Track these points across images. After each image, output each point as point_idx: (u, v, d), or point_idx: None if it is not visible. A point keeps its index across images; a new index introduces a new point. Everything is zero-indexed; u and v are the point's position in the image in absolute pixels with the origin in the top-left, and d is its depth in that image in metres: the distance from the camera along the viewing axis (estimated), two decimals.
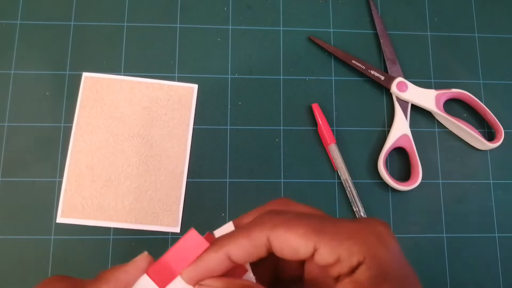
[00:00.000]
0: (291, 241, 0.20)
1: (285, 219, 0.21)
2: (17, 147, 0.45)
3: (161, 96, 0.47)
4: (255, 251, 0.21)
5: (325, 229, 0.20)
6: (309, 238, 0.20)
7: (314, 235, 0.20)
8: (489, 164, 0.48)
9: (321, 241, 0.20)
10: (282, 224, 0.20)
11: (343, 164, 0.46)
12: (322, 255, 0.20)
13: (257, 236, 0.20)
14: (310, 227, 0.20)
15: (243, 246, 0.21)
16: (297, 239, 0.20)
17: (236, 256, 0.21)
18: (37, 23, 0.48)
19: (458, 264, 0.46)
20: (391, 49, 0.49)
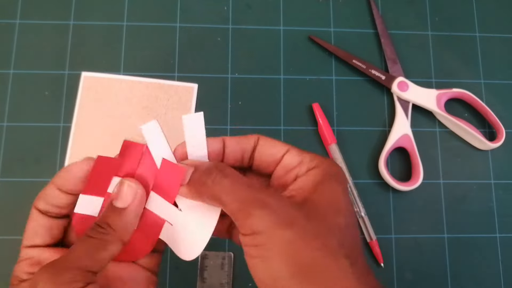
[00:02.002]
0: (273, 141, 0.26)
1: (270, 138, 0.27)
2: (16, 147, 0.45)
3: (161, 96, 0.47)
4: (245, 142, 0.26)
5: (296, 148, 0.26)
6: (285, 144, 0.26)
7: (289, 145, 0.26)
8: (490, 164, 0.48)
9: (292, 148, 0.26)
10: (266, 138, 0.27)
11: (344, 164, 0.45)
12: (290, 156, 0.25)
13: (251, 135, 0.27)
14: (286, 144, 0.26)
15: (237, 137, 0.27)
16: (277, 142, 0.26)
17: (229, 141, 0.26)
18: (36, 22, 0.48)
19: (459, 264, 0.45)
20: (391, 48, 0.49)
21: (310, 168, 0.25)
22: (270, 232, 0.21)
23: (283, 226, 0.21)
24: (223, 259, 0.44)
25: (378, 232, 0.45)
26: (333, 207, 0.23)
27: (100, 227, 0.24)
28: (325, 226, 0.22)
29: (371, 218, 0.45)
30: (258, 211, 0.22)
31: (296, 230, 0.21)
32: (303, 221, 0.22)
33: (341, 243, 0.22)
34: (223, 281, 0.43)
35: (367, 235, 0.45)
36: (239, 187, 0.23)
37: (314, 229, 0.22)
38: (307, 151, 0.26)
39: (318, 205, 0.23)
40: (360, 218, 0.45)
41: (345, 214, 0.23)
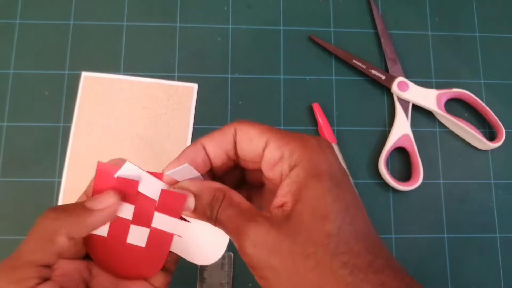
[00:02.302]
0: (250, 133, 0.24)
1: (250, 121, 0.25)
2: (16, 147, 0.45)
3: (161, 96, 0.47)
4: (224, 140, 0.25)
5: (279, 131, 0.24)
6: (263, 133, 0.24)
7: (267, 132, 0.24)
8: (490, 164, 0.48)
9: (271, 138, 0.24)
10: (247, 122, 0.25)
11: (344, 164, 0.45)
12: (270, 151, 0.24)
13: (227, 128, 0.25)
14: (267, 127, 0.25)
15: (215, 137, 0.25)
16: (255, 132, 0.24)
17: (209, 146, 0.25)
18: (36, 22, 0.48)
19: (459, 264, 0.45)
20: (392, 48, 0.49)
21: (291, 165, 0.23)
22: (262, 266, 0.21)
23: (271, 258, 0.21)
24: (223, 259, 0.44)
25: (378, 232, 0.45)
26: (318, 215, 0.21)
27: (52, 211, 0.23)
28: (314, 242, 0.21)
29: (371, 218, 0.45)
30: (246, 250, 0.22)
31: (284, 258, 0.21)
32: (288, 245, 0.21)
33: (334, 252, 0.20)
34: (223, 281, 0.43)
35: None
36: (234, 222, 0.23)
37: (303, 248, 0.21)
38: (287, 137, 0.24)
39: (303, 217, 0.21)
40: None
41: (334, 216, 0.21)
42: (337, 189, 0.22)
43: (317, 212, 0.21)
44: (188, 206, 0.24)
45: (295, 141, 0.23)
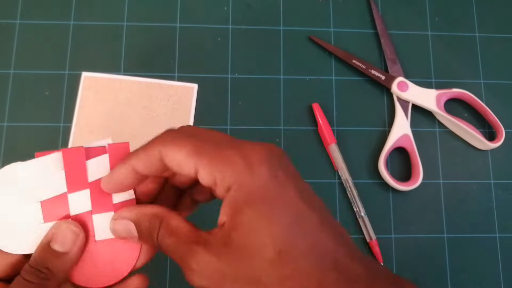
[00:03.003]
0: (176, 158, 0.22)
1: (174, 137, 0.23)
2: (16, 147, 0.45)
3: (161, 96, 0.47)
4: (152, 163, 0.23)
5: (205, 152, 0.22)
6: (190, 158, 0.22)
7: (195, 156, 0.22)
8: (490, 164, 0.48)
9: (200, 163, 0.22)
10: (171, 141, 0.23)
11: (344, 164, 0.46)
12: (202, 177, 0.22)
13: (152, 150, 0.23)
14: (193, 148, 0.22)
15: (142, 159, 0.23)
16: (180, 157, 0.22)
17: (139, 167, 0.23)
18: (37, 22, 0.48)
19: (459, 264, 0.45)
20: (391, 48, 0.49)
21: (226, 188, 0.21)
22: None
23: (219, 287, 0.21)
24: None
25: (378, 232, 0.45)
26: (256, 244, 0.20)
27: (40, 272, 0.23)
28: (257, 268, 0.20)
29: (370, 218, 0.45)
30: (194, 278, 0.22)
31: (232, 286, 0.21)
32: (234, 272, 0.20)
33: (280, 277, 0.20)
34: None
35: (367, 235, 0.45)
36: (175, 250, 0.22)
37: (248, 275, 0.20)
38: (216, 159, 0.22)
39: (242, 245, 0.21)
40: (360, 218, 0.45)
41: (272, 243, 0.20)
42: (272, 213, 0.21)
43: (255, 240, 0.20)
44: (132, 234, 0.24)
45: (223, 164, 0.21)
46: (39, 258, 0.23)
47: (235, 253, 0.21)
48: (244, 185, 0.21)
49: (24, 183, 0.24)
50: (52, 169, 0.24)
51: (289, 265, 0.20)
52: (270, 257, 0.20)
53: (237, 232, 0.21)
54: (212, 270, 0.21)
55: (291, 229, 0.21)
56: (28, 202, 0.24)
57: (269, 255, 0.20)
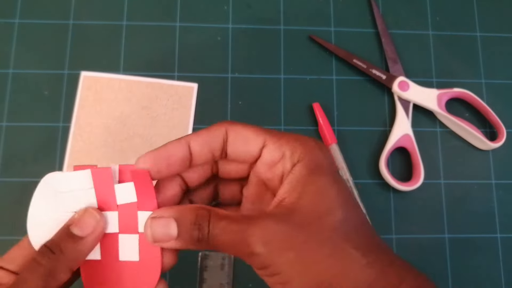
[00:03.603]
0: (245, 133, 0.24)
1: (241, 123, 0.25)
2: (16, 147, 0.45)
3: (160, 96, 0.47)
4: (213, 140, 0.24)
5: (274, 132, 0.24)
6: (260, 134, 0.24)
7: (264, 133, 0.24)
8: (491, 164, 0.48)
9: (269, 138, 0.24)
10: (239, 123, 0.24)
11: (344, 164, 0.45)
12: (270, 151, 0.24)
13: (217, 128, 0.24)
14: (260, 129, 0.24)
15: (203, 135, 0.24)
16: (250, 132, 0.24)
17: (194, 142, 0.24)
18: (36, 22, 0.48)
19: (460, 265, 0.45)
20: (392, 48, 0.49)
21: (294, 162, 0.23)
22: (277, 262, 0.21)
23: (285, 252, 0.21)
24: (223, 259, 0.43)
25: (379, 232, 0.44)
26: (325, 206, 0.22)
27: (51, 252, 0.23)
28: (327, 228, 0.22)
29: (371, 218, 0.45)
30: (257, 249, 0.21)
31: (299, 249, 0.21)
32: (302, 237, 0.21)
33: (346, 237, 0.22)
34: (223, 282, 0.43)
35: None
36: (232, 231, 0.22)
37: (317, 236, 0.21)
38: (285, 137, 0.24)
39: (311, 209, 0.22)
40: None
41: (338, 207, 0.22)
42: (338, 184, 0.23)
43: (324, 204, 0.22)
44: (170, 234, 0.23)
45: (295, 141, 0.24)
46: (56, 238, 0.24)
47: (304, 218, 0.22)
48: (315, 159, 0.23)
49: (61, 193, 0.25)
50: (86, 185, 0.25)
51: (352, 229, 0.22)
52: (339, 218, 0.22)
53: (306, 199, 0.22)
54: (279, 234, 0.21)
55: (350, 203, 0.23)
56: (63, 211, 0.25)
57: (338, 217, 0.22)
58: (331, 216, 0.22)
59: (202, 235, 0.22)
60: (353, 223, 0.23)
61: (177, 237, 0.23)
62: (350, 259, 0.21)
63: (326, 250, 0.21)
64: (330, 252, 0.21)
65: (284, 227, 0.21)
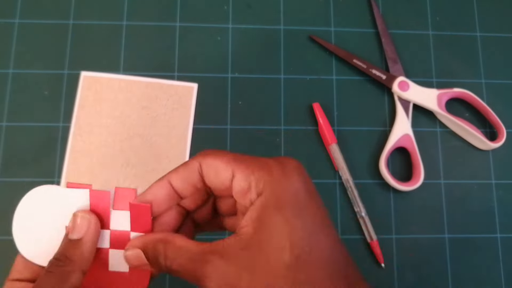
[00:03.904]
0: (215, 165, 0.24)
1: (214, 152, 0.25)
2: (16, 147, 0.45)
3: (160, 96, 0.47)
4: (189, 174, 0.25)
5: (243, 160, 0.24)
6: (229, 164, 0.24)
7: (233, 163, 0.24)
8: (491, 164, 0.48)
9: (237, 168, 0.24)
10: (211, 154, 0.25)
11: (344, 164, 0.45)
12: (238, 181, 0.24)
13: (191, 163, 0.25)
14: (231, 157, 0.24)
15: (180, 172, 0.25)
16: (220, 163, 0.24)
17: (175, 181, 0.25)
18: (36, 22, 0.48)
19: (460, 265, 0.45)
20: (392, 48, 0.49)
21: (257, 194, 0.23)
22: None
23: None
24: None
25: (379, 232, 0.45)
26: (276, 246, 0.21)
27: (59, 261, 0.24)
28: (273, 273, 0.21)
29: (371, 218, 0.45)
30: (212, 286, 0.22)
31: None
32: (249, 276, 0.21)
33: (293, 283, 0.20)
34: None
35: (368, 236, 0.44)
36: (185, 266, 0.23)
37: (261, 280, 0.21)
38: (252, 165, 0.24)
39: (262, 247, 0.21)
40: (360, 218, 0.45)
41: (292, 247, 0.21)
42: (297, 219, 0.22)
43: (275, 243, 0.21)
44: (142, 261, 0.25)
45: (260, 170, 0.23)
46: (60, 249, 0.25)
47: (253, 257, 0.21)
48: (277, 190, 0.23)
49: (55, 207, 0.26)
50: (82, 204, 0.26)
51: (304, 272, 0.21)
52: (287, 260, 0.21)
53: (259, 235, 0.22)
54: (230, 274, 0.21)
55: (312, 238, 0.22)
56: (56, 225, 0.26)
57: (286, 259, 0.21)
58: (280, 257, 0.21)
59: (164, 268, 0.24)
60: (309, 264, 0.21)
61: (149, 264, 0.25)
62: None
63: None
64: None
65: (233, 268, 0.21)
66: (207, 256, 0.22)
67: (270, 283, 0.21)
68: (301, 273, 0.21)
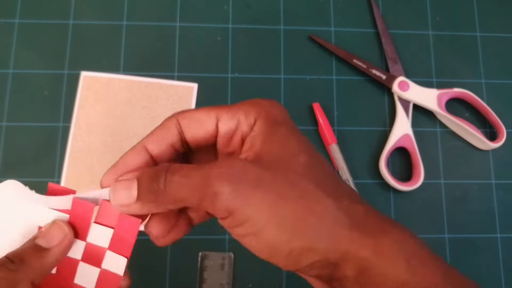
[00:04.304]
0: (197, 116, 0.23)
1: (189, 109, 0.24)
2: (16, 147, 0.45)
3: (160, 96, 0.47)
4: (166, 134, 0.23)
5: (224, 105, 0.24)
6: (211, 111, 0.23)
7: (215, 109, 0.23)
8: (491, 164, 0.48)
9: (221, 111, 0.23)
10: (187, 110, 0.24)
11: (344, 164, 0.45)
12: (225, 122, 0.23)
13: (168, 121, 0.24)
14: (211, 106, 0.24)
15: (156, 134, 0.24)
16: (201, 113, 0.23)
17: (150, 143, 0.23)
18: (36, 22, 0.48)
19: (460, 265, 0.45)
20: (392, 48, 0.49)
21: (251, 124, 0.23)
22: (244, 205, 0.20)
23: (252, 191, 0.20)
24: (223, 259, 0.43)
25: None
26: (290, 151, 0.22)
27: (11, 262, 0.21)
28: (295, 172, 0.21)
29: None
30: (221, 188, 0.20)
31: (267, 190, 0.20)
32: (269, 176, 0.20)
33: (316, 181, 0.21)
34: (223, 282, 0.43)
35: None
36: (192, 176, 0.21)
37: (284, 179, 0.20)
38: (237, 105, 0.23)
39: (275, 155, 0.21)
40: None
41: (302, 153, 0.22)
42: (298, 134, 0.23)
43: (288, 150, 0.22)
44: (131, 195, 0.22)
45: (247, 105, 0.23)
46: (19, 251, 0.22)
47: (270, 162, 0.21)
48: (270, 115, 0.23)
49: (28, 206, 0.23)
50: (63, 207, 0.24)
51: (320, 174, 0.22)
52: (306, 162, 0.21)
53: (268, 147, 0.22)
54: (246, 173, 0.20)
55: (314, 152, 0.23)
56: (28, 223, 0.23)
57: (305, 160, 0.21)
58: (296, 161, 0.21)
59: (158, 187, 0.21)
60: (319, 170, 0.22)
61: (137, 198, 0.22)
62: (321, 205, 0.20)
63: (296, 192, 0.20)
64: (299, 195, 0.20)
65: (250, 166, 0.21)
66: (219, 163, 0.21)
67: (294, 180, 0.21)
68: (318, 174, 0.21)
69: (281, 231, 0.20)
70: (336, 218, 0.20)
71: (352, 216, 0.21)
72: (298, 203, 0.20)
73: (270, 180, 0.20)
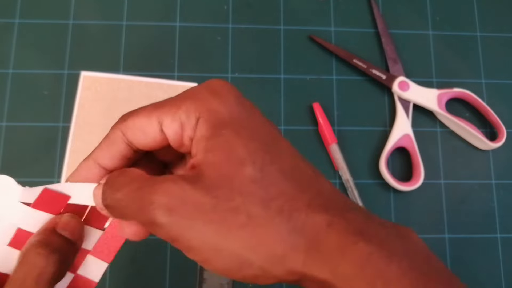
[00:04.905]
0: (138, 124, 0.21)
1: (132, 111, 0.22)
2: (15, 147, 0.45)
3: (160, 96, 0.47)
4: (114, 148, 0.22)
5: (165, 102, 0.21)
6: (151, 114, 0.21)
7: (155, 111, 0.21)
8: (491, 164, 0.48)
9: (161, 112, 0.20)
10: (130, 114, 0.22)
11: (344, 164, 0.45)
12: (168, 126, 0.20)
13: (112, 134, 0.22)
14: (152, 106, 0.21)
15: (103, 147, 0.22)
16: (142, 119, 0.21)
17: (101, 159, 0.22)
18: (36, 21, 0.48)
19: (460, 265, 0.45)
20: (392, 48, 0.49)
21: (194, 125, 0.20)
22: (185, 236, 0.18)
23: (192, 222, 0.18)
24: None
25: None
26: (234, 161, 0.18)
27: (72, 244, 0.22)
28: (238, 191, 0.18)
29: None
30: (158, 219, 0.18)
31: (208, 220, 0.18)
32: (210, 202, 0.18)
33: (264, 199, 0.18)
34: (223, 282, 0.43)
35: None
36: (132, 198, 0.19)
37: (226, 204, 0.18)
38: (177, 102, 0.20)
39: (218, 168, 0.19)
40: None
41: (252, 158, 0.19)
42: (247, 130, 0.20)
43: (232, 158, 0.18)
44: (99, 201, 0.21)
45: (186, 101, 0.20)
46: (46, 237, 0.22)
47: (213, 179, 0.18)
48: (213, 111, 0.20)
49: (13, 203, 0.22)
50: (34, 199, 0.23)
51: (272, 185, 0.18)
52: (251, 174, 0.18)
53: (210, 159, 0.19)
54: (185, 200, 0.18)
55: (270, 148, 0.19)
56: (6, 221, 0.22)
57: (250, 172, 0.18)
58: (241, 174, 0.18)
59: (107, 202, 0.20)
60: (276, 175, 0.19)
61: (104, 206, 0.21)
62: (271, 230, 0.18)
63: (240, 219, 0.18)
64: (244, 222, 0.18)
65: (189, 192, 0.18)
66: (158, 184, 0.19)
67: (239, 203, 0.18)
68: (270, 187, 0.18)
69: (229, 262, 0.18)
70: (288, 243, 0.18)
71: (308, 235, 0.18)
72: (243, 232, 0.18)
73: (211, 207, 0.18)
